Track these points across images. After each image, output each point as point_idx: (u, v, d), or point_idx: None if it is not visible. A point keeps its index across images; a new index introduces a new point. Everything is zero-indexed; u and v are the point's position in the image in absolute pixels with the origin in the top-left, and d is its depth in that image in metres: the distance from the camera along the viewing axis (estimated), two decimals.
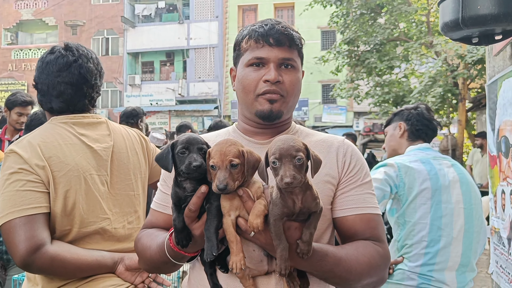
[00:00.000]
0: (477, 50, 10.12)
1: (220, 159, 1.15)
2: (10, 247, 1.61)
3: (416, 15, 14.15)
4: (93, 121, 1.91)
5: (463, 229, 2.43)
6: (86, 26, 27.79)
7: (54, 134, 1.78)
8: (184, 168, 1.18)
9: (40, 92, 1.88)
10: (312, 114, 24.81)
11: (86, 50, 1.92)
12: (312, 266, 1.23)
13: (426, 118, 2.67)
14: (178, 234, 1.22)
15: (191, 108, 25.42)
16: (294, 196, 1.14)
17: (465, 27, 1.55)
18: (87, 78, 1.86)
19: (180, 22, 26.71)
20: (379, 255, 1.35)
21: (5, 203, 1.63)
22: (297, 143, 1.14)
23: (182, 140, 1.22)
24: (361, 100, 14.78)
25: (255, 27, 1.43)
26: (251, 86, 1.41)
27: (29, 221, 1.61)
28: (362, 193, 1.42)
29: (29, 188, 1.65)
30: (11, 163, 1.68)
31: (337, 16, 14.73)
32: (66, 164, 1.73)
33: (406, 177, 2.41)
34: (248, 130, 1.50)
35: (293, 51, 1.43)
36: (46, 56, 1.87)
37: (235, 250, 1.16)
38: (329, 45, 22.50)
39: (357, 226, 1.39)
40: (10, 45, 28.72)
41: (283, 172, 1.09)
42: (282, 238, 1.14)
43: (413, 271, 2.39)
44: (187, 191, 1.21)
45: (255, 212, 1.13)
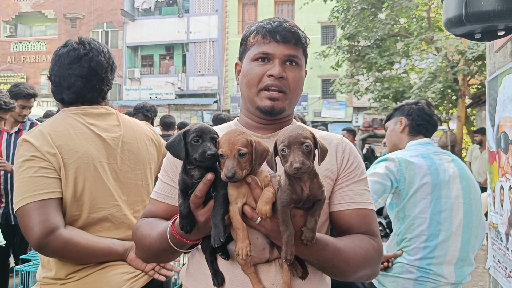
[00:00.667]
0: (477, 46, 10.12)
1: (228, 148, 1.18)
2: (25, 230, 1.68)
3: (416, 11, 14.13)
4: (103, 112, 1.97)
5: (462, 224, 2.45)
6: (86, 19, 27.68)
7: (64, 123, 1.85)
8: (198, 156, 1.20)
9: (53, 83, 1.95)
10: (312, 109, 24.80)
11: (98, 44, 1.97)
12: (313, 254, 1.26)
13: (427, 113, 2.69)
14: (182, 220, 1.23)
15: (191, 102, 25.40)
16: (302, 183, 1.17)
17: (468, 23, 1.56)
18: (97, 71, 1.92)
19: (180, 16, 26.62)
20: (374, 249, 1.40)
21: (19, 189, 1.71)
22: (305, 131, 1.18)
23: (195, 129, 1.24)
24: (361, 96, 14.78)
25: (263, 24, 1.46)
26: (254, 80, 1.44)
27: (42, 206, 1.68)
28: (359, 189, 1.47)
29: (42, 174, 1.72)
30: (24, 151, 1.75)
31: (338, 11, 14.70)
32: (75, 151, 1.80)
33: (406, 172, 2.43)
34: (250, 125, 1.53)
35: (298, 49, 1.46)
36: (59, 49, 1.94)
37: (241, 237, 1.18)
38: (329, 40, 22.48)
39: (353, 220, 1.43)
40: (9, 37, 28.63)
41: (292, 158, 1.12)
42: (289, 224, 1.17)
43: (412, 264, 2.41)
44: (195, 178, 1.23)
45: (263, 199, 1.16)
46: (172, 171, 1.50)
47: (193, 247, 1.38)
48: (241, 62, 1.54)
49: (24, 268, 2.90)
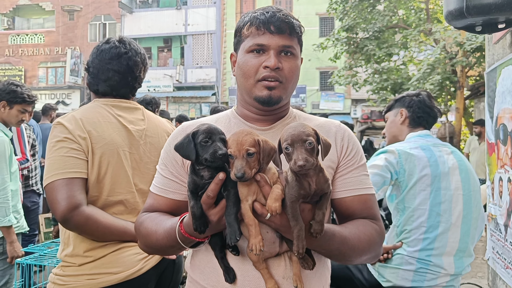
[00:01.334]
0: (476, 37, 10.10)
1: (237, 148, 1.20)
2: (52, 203, 1.84)
3: (415, 2, 14.10)
4: (130, 106, 2.16)
5: (461, 215, 2.46)
6: (83, 11, 27.52)
7: (94, 112, 2.03)
8: (209, 157, 1.21)
9: (90, 74, 2.13)
10: (310, 101, 24.79)
11: (136, 46, 2.16)
12: (322, 245, 1.29)
13: (427, 106, 2.69)
14: (196, 221, 1.24)
15: (189, 95, 25.36)
16: (309, 178, 1.19)
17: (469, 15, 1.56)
18: (133, 69, 2.11)
19: (178, 8, 26.48)
20: (376, 233, 1.44)
21: (51, 166, 1.87)
22: (307, 128, 1.20)
23: (204, 129, 1.25)
24: (360, 87, 14.78)
25: (257, 14, 1.45)
26: (251, 71, 1.44)
27: (70, 183, 1.84)
28: (359, 175, 1.49)
29: (72, 155, 1.88)
30: (58, 132, 1.92)
31: (336, 2, 14.65)
32: (103, 138, 1.97)
33: (406, 164, 2.44)
34: (248, 116, 1.53)
35: (293, 38, 1.45)
36: (102, 45, 2.12)
37: (254, 232, 1.20)
38: (328, 32, 22.42)
39: (355, 206, 1.46)
40: (6, 30, 28.48)
41: (296, 156, 1.15)
42: (298, 219, 1.19)
43: (411, 255, 2.43)
44: (205, 179, 1.24)
45: (273, 196, 1.18)
46: (172, 165, 1.49)
47: (201, 244, 1.38)
48: (236, 53, 1.53)
49: (25, 261, 2.91)
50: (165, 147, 1.55)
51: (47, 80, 27.61)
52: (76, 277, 1.93)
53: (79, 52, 26.80)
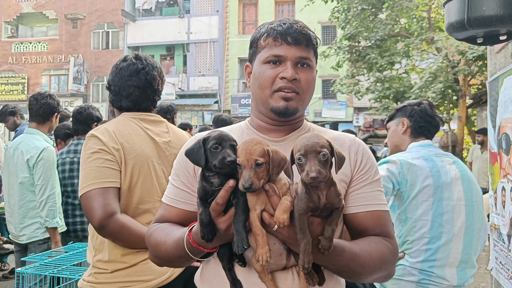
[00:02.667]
0: (478, 46, 10.11)
1: (245, 158, 1.18)
2: (89, 212, 1.94)
3: (417, 11, 14.12)
4: (156, 119, 2.28)
5: (464, 226, 2.44)
6: (87, 19, 27.68)
7: (125, 125, 2.14)
8: (217, 163, 1.20)
9: (112, 92, 2.25)
10: (312, 109, 24.79)
11: (152, 60, 2.28)
12: (330, 261, 1.27)
13: (429, 115, 2.67)
14: (204, 228, 1.22)
15: (191, 103, 25.39)
16: (319, 191, 1.17)
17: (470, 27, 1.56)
18: (151, 83, 2.23)
19: (181, 16, 26.61)
20: (389, 251, 1.40)
21: (87, 176, 1.97)
22: (322, 139, 1.18)
23: (214, 136, 1.25)
24: (362, 96, 14.77)
25: (274, 25, 1.46)
26: (267, 82, 1.44)
27: (105, 192, 1.95)
28: (373, 191, 1.46)
29: (107, 166, 1.99)
30: (92, 144, 2.02)
31: (338, 11, 14.69)
32: (134, 149, 2.08)
33: (408, 174, 2.43)
34: (262, 127, 1.53)
35: (309, 50, 1.46)
36: (119, 63, 2.24)
37: (261, 242, 1.18)
38: (330, 40, 22.45)
39: (367, 223, 1.42)
40: (10, 38, 28.63)
41: (309, 167, 1.12)
42: (306, 232, 1.17)
43: (414, 266, 2.41)
44: (215, 186, 1.23)
45: (281, 208, 1.16)
46: (184, 176, 1.49)
47: (209, 255, 1.37)
48: (252, 64, 1.53)
49: (26, 271, 2.90)
50: (177, 158, 1.55)
51: (50, 88, 27.69)
52: (110, 284, 2.01)
53: (82, 60, 26.93)
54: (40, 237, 3.71)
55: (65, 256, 3.13)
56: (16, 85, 27.75)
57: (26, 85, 27.73)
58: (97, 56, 27.58)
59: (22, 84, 27.73)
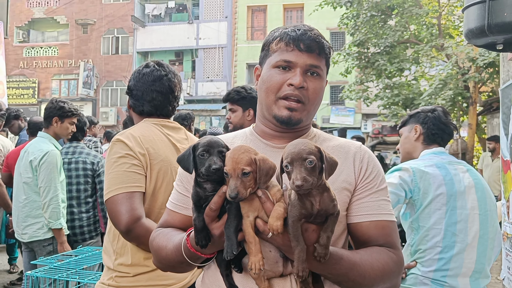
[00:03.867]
0: (488, 53, 10.03)
1: (232, 166, 1.16)
2: (115, 216, 1.94)
3: (427, 18, 14.07)
4: (175, 126, 2.33)
5: (477, 235, 2.40)
6: (97, 24, 27.93)
7: (149, 130, 2.17)
8: (204, 171, 1.20)
9: (134, 97, 2.28)
10: (320, 115, 24.74)
11: (172, 68, 2.34)
12: (327, 269, 1.23)
13: (443, 122, 2.62)
14: (198, 234, 1.22)
15: (199, 108, 25.46)
16: (312, 197, 1.14)
17: (491, 34, 1.53)
18: (173, 89, 2.28)
19: (190, 22, 26.76)
20: (393, 262, 1.36)
21: (113, 180, 1.98)
22: (308, 146, 1.15)
23: (203, 142, 1.24)
24: (371, 102, 14.71)
25: (288, 30, 1.43)
26: (274, 87, 1.41)
27: (131, 197, 1.95)
28: (378, 200, 1.42)
29: (133, 170, 2.00)
30: (118, 149, 2.03)
31: (347, 17, 14.68)
32: (159, 155, 2.10)
33: (421, 182, 2.39)
34: (266, 133, 1.50)
35: (321, 59, 1.43)
36: (142, 69, 2.28)
37: (253, 250, 1.17)
38: (338, 47, 22.44)
39: (371, 232, 1.39)
40: (21, 43, 28.95)
41: (294, 175, 1.10)
42: (300, 239, 1.15)
43: (426, 276, 2.37)
44: (208, 191, 1.23)
45: (274, 215, 1.14)
46: (187, 181, 1.47)
47: (208, 261, 1.36)
48: (261, 67, 1.50)
49: (35, 274, 2.90)
50: None
51: (60, 92, 27.94)
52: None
53: (92, 65, 27.15)
54: (41, 237, 3.80)
55: (75, 259, 3.13)
56: (26, 89, 28.03)
57: (36, 89, 28.00)
58: (106, 61, 27.79)
59: (33, 88, 28.00)
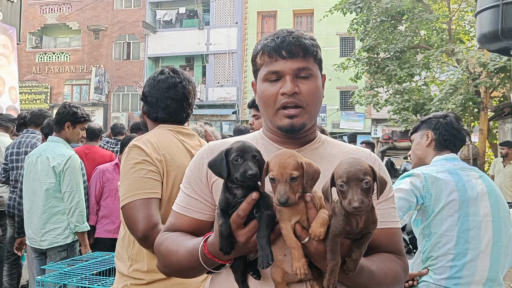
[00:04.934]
0: (499, 58, 9.95)
1: (279, 171, 1.15)
2: (132, 222, 1.92)
3: (437, 23, 14.01)
4: (190, 133, 2.31)
5: (491, 242, 2.36)
6: (108, 30, 28.20)
7: (165, 137, 2.15)
8: (239, 176, 1.19)
9: (148, 103, 2.27)
10: (330, 121, 24.69)
11: (188, 75, 2.33)
12: (350, 279, 1.25)
13: (455, 128, 2.59)
14: (223, 240, 1.20)
15: (210, 113, 25.55)
16: (358, 216, 1.14)
17: (505, 38, 1.52)
18: (187, 97, 2.27)
19: (200, 28, 26.91)
20: (402, 269, 1.41)
21: (130, 186, 1.96)
22: (364, 165, 1.13)
23: (237, 147, 1.23)
24: (381, 108, 14.65)
25: (267, 41, 1.43)
26: (270, 101, 1.42)
27: (148, 203, 1.93)
28: (388, 208, 1.44)
29: (150, 176, 1.98)
30: (135, 155, 2.01)
31: (357, 23, 14.67)
32: (175, 161, 2.08)
33: (433, 188, 2.36)
34: (275, 139, 1.51)
35: (308, 59, 1.41)
36: (157, 76, 2.27)
37: (297, 256, 1.16)
38: (348, 52, 22.41)
39: (381, 240, 1.40)
40: (34, 48, 29.33)
41: (351, 196, 1.08)
42: (337, 254, 1.14)
43: (438, 284, 2.34)
44: (238, 197, 1.22)
45: (319, 221, 1.14)
46: (196, 184, 1.46)
47: (222, 267, 1.34)
48: (256, 82, 1.52)
49: (46, 279, 2.91)
50: (189, 166, 1.52)
51: (72, 97, 28.21)
52: None
53: (104, 70, 27.39)
54: (61, 243, 3.80)
55: (85, 264, 3.14)
56: (39, 94, 28.35)
57: (49, 94, 28.31)
58: (118, 66, 28.02)
59: (45, 93, 28.31)
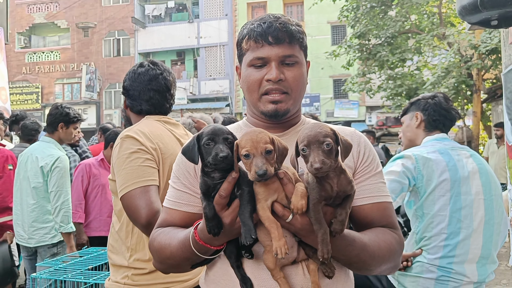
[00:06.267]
0: (491, 40, 9.96)
1: (254, 146, 1.15)
2: (134, 210, 1.92)
3: (427, 7, 13.99)
4: (175, 122, 2.34)
5: (483, 220, 2.37)
6: (98, 27, 27.99)
7: (155, 126, 2.17)
8: (211, 160, 1.18)
9: (131, 97, 2.29)
10: (324, 110, 24.70)
11: (167, 67, 2.35)
12: (341, 251, 1.25)
13: (443, 108, 2.59)
14: (209, 223, 1.20)
15: (203, 106, 25.49)
16: (330, 180, 1.15)
17: (484, 9, 1.50)
18: (169, 87, 2.30)
19: (190, 21, 26.76)
20: (396, 241, 1.40)
21: (128, 175, 1.96)
22: (324, 128, 1.15)
23: (208, 131, 1.22)
24: (374, 94, 14.67)
25: (254, 26, 1.42)
26: (254, 86, 1.42)
27: (148, 191, 1.94)
28: (377, 182, 1.45)
29: (148, 164, 2.00)
30: (129, 144, 2.02)
31: (347, 10, 14.62)
32: (167, 149, 2.10)
33: (424, 169, 2.36)
34: (259, 125, 1.50)
35: (293, 46, 1.42)
36: (137, 69, 2.28)
37: (276, 234, 1.15)
38: (339, 40, 22.36)
39: (374, 214, 1.41)
40: (23, 48, 29.08)
41: (312, 158, 1.11)
42: (322, 222, 1.15)
43: (432, 263, 2.35)
44: (216, 180, 1.21)
45: (298, 194, 1.14)
46: (185, 177, 1.46)
47: (217, 253, 1.34)
48: (240, 66, 1.51)
49: (41, 276, 2.90)
50: (176, 160, 1.52)
51: (63, 96, 28.04)
52: (150, 286, 2.02)
53: (94, 68, 27.23)
54: (48, 242, 3.87)
55: (79, 260, 3.14)
56: (30, 94, 28.15)
57: (40, 94, 28.12)
58: (108, 63, 27.86)
59: (36, 93, 28.12)
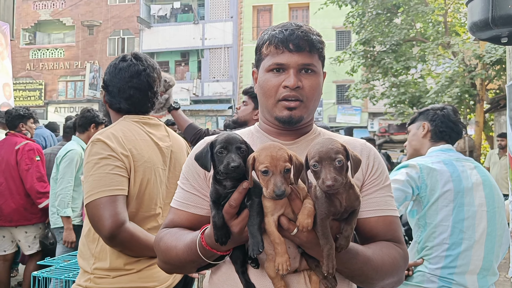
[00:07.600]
0: (495, 50, 9.97)
1: (273, 164, 1.14)
2: (97, 221, 1.83)
3: (433, 15, 14.01)
4: (156, 123, 2.19)
5: (485, 232, 2.38)
6: (103, 26, 28.05)
7: (131, 130, 2.04)
8: (222, 168, 1.19)
9: (110, 93, 2.14)
10: (327, 115, 24.70)
11: (152, 61, 2.17)
12: (345, 263, 1.25)
13: (451, 121, 2.61)
14: (217, 231, 1.20)
15: (206, 108, 25.53)
16: (339, 195, 1.15)
17: (495, 26, 1.51)
18: (152, 85, 2.13)
19: (195, 23, 26.81)
20: (400, 256, 1.39)
21: (95, 183, 1.86)
22: (336, 144, 1.15)
23: (221, 139, 1.23)
24: (377, 101, 14.68)
25: (275, 32, 1.43)
26: (271, 91, 1.43)
27: (114, 201, 1.85)
28: (384, 196, 1.45)
29: (116, 172, 1.89)
30: (99, 149, 1.90)
31: (353, 16, 14.66)
32: (142, 156, 1.99)
33: (428, 179, 2.37)
34: (271, 131, 1.52)
35: (313, 55, 1.43)
36: (118, 63, 2.11)
37: (280, 251, 1.16)
38: (344, 45, 22.38)
39: (379, 228, 1.41)
40: (28, 45, 29.13)
41: (324, 175, 1.10)
42: (329, 237, 1.15)
43: (433, 273, 2.35)
44: (227, 188, 1.22)
45: (305, 212, 1.15)
46: (194, 179, 1.47)
47: (222, 259, 1.35)
48: (257, 71, 1.52)
49: (42, 274, 2.91)
50: (186, 161, 1.53)
51: (66, 94, 28.10)
52: None
53: (98, 66, 27.26)
54: (59, 225, 4.34)
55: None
56: (33, 91, 28.20)
57: (43, 91, 28.16)
58: None
59: (39, 90, 28.16)
